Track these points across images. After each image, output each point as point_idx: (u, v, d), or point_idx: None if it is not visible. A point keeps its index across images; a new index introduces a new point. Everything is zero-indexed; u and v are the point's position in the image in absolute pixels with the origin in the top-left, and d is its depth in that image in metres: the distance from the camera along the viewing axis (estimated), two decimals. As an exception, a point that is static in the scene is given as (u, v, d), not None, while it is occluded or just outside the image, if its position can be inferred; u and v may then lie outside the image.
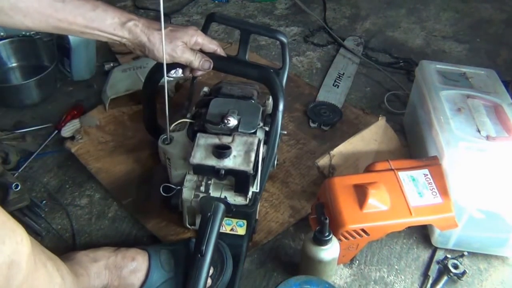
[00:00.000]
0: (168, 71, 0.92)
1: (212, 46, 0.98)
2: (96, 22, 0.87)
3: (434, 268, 1.01)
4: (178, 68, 0.99)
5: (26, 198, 1.08)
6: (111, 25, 0.89)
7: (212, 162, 0.91)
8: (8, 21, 0.82)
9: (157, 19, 0.87)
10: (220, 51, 1.00)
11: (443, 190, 0.96)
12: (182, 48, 0.93)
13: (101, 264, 0.88)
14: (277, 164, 1.18)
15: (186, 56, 0.94)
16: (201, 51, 0.98)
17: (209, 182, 0.95)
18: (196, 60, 0.95)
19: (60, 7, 0.84)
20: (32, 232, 1.05)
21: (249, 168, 0.90)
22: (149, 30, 0.91)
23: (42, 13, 0.83)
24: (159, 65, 0.95)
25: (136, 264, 0.89)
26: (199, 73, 1.00)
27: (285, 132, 1.23)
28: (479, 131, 1.03)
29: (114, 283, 0.88)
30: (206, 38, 0.97)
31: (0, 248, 0.56)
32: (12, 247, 0.58)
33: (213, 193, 0.95)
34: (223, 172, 0.91)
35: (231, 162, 0.91)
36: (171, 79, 1.32)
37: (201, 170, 0.93)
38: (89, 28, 0.88)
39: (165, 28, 0.90)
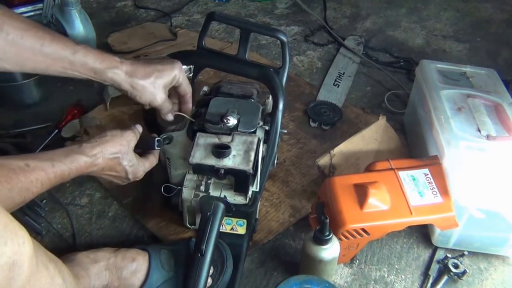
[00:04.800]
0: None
1: (188, 89, 0.99)
2: (75, 66, 0.86)
3: (435, 267, 1.01)
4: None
5: (26, 198, 1.08)
6: (91, 70, 0.87)
7: (212, 161, 0.91)
8: None
9: (158, 19, 0.86)
10: (188, 98, 1.00)
11: (444, 190, 0.96)
12: (163, 96, 0.93)
13: (101, 265, 0.88)
14: (277, 163, 1.18)
15: (163, 106, 0.95)
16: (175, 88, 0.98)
17: (209, 181, 0.95)
18: (164, 111, 0.96)
19: (38, 52, 0.82)
20: (32, 231, 1.05)
21: (249, 167, 0.90)
22: (132, 79, 0.89)
23: (19, 57, 0.82)
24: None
25: (136, 264, 0.89)
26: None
27: (286, 131, 1.23)
28: (479, 130, 1.03)
29: (114, 283, 0.88)
30: (185, 80, 0.97)
31: (2, 250, 0.56)
32: (14, 248, 0.58)
33: (213, 192, 0.95)
34: (222, 171, 0.90)
35: (231, 161, 0.91)
36: None
37: (201, 170, 0.93)
38: (68, 71, 0.86)
39: (150, 75, 0.90)
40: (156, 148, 0.95)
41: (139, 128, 0.93)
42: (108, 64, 0.88)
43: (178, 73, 0.95)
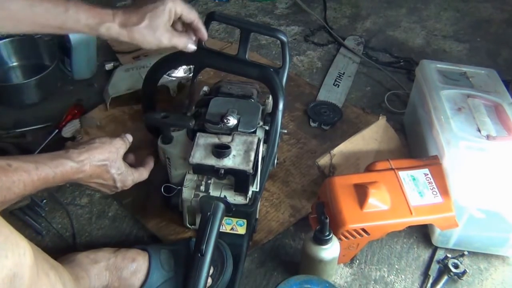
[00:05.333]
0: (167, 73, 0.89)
1: (191, 16, 0.93)
2: (69, 23, 0.84)
3: (435, 267, 1.01)
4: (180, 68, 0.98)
5: (27, 197, 1.08)
6: (86, 27, 0.85)
7: (212, 161, 0.91)
8: None
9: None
10: (197, 22, 0.95)
11: (444, 190, 0.96)
12: (168, 35, 0.90)
13: (101, 265, 0.88)
14: (277, 163, 1.18)
15: (173, 43, 0.91)
16: (180, 19, 0.94)
17: (209, 181, 0.95)
18: (181, 45, 0.92)
19: (29, 12, 0.81)
20: (33, 231, 1.05)
21: (249, 167, 0.90)
22: (128, 29, 0.86)
23: (12, 19, 0.81)
24: (158, 65, 0.95)
25: (136, 265, 0.89)
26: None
27: (286, 131, 1.23)
28: (479, 130, 1.03)
29: (114, 284, 0.88)
30: (185, 8, 0.92)
31: (3, 263, 0.57)
32: (15, 260, 0.58)
33: (213, 192, 0.95)
34: (222, 171, 0.90)
35: (231, 161, 0.91)
36: (174, 78, 1.33)
37: (201, 170, 0.93)
38: (64, 28, 0.85)
39: (143, 17, 0.86)
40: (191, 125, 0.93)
41: (129, 138, 0.92)
42: (100, 19, 0.85)
43: (172, 5, 0.89)
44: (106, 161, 0.86)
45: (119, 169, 0.88)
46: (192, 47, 0.94)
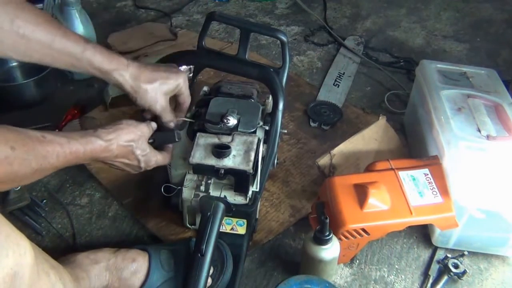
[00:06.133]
0: None
1: (187, 99, 0.98)
2: (82, 63, 0.86)
3: (435, 267, 1.01)
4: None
5: (27, 197, 1.08)
6: (97, 69, 0.87)
7: (212, 161, 0.91)
8: None
9: (158, 19, 0.86)
10: (185, 107, 0.98)
11: (444, 190, 0.96)
12: (164, 104, 0.93)
13: (101, 266, 0.88)
14: (277, 163, 1.18)
15: (162, 114, 0.94)
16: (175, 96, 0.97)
17: (209, 181, 0.95)
18: (165, 119, 0.94)
19: (47, 47, 0.82)
20: (33, 231, 1.05)
21: (249, 167, 0.90)
22: (136, 83, 0.89)
23: (28, 49, 0.82)
24: None
25: (136, 265, 0.89)
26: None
27: (286, 131, 1.23)
28: (479, 130, 1.03)
29: (114, 284, 0.88)
30: (187, 90, 0.97)
31: (4, 262, 0.57)
32: (16, 259, 0.59)
33: (213, 192, 0.95)
34: (222, 171, 0.90)
35: (231, 161, 0.91)
36: None
37: (201, 170, 0.93)
38: (75, 67, 0.86)
39: (155, 81, 0.90)
40: (177, 140, 0.94)
41: (154, 125, 0.93)
42: (115, 66, 0.88)
43: (182, 83, 0.94)
44: (132, 142, 0.87)
45: (144, 151, 0.89)
46: (172, 125, 0.95)
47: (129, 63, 0.89)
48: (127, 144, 0.86)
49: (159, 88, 0.91)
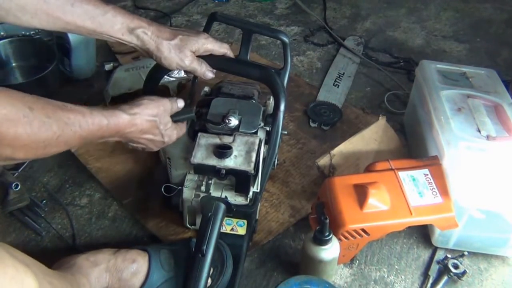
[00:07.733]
0: (167, 73, 0.91)
1: (222, 50, 0.98)
2: (104, 27, 0.87)
3: (434, 268, 1.01)
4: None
5: (26, 198, 1.08)
6: (120, 30, 0.88)
7: (213, 162, 0.91)
8: (16, 21, 0.82)
9: (158, 19, 0.86)
10: (229, 54, 1.00)
11: (443, 190, 0.96)
12: (191, 58, 0.93)
13: (101, 267, 0.88)
14: (277, 164, 1.18)
15: (193, 66, 0.94)
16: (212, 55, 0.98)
17: (210, 182, 0.95)
18: (200, 71, 0.96)
19: (68, 10, 0.83)
20: (32, 231, 1.05)
21: (250, 168, 0.90)
22: (158, 39, 0.90)
23: (50, 15, 0.83)
24: (159, 65, 0.95)
25: (136, 265, 0.89)
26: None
27: (286, 132, 1.23)
28: (479, 131, 1.03)
29: (114, 285, 0.88)
30: (216, 44, 0.97)
31: None
32: None
33: (214, 193, 0.95)
34: (224, 172, 0.90)
35: (232, 162, 0.91)
36: (174, 79, 1.32)
37: (202, 170, 0.93)
38: (97, 32, 0.87)
39: (176, 36, 0.90)
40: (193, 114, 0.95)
41: (180, 103, 0.93)
42: (138, 24, 0.89)
43: (205, 40, 0.95)
44: (155, 117, 0.87)
45: (167, 125, 0.89)
46: (210, 75, 0.97)
47: (150, 22, 0.91)
48: (152, 118, 0.86)
49: (181, 45, 0.92)
